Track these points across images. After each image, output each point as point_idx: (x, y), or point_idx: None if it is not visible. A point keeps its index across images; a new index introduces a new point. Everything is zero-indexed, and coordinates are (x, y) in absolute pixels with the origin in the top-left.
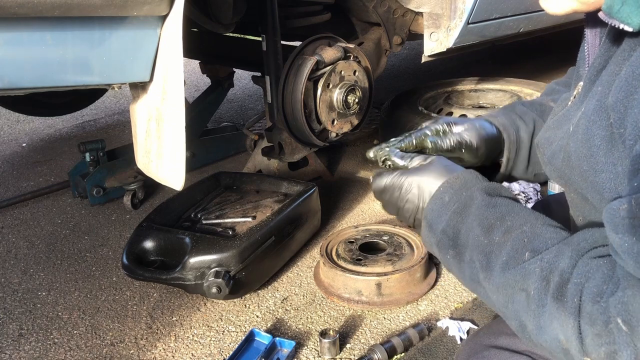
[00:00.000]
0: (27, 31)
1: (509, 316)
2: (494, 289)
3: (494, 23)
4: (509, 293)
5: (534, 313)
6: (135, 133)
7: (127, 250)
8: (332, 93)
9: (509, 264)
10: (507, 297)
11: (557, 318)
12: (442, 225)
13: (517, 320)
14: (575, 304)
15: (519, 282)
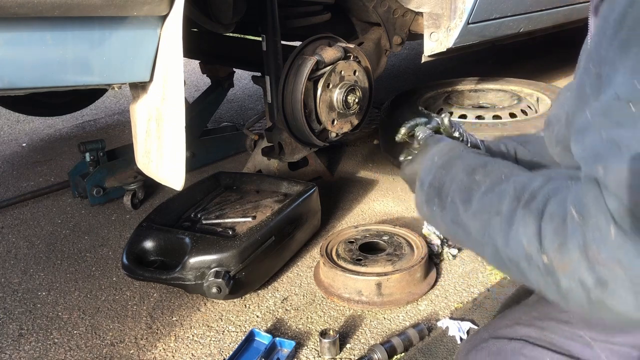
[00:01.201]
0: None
1: (485, 242)
2: (472, 217)
3: (494, 23)
4: (485, 218)
5: (504, 228)
6: (135, 133)
7: (127, 250)
8: (332, 93)
9: (486, 192)
10: (483, 223)
11: (523, 224)
12: (430, 178)
13: (491, 244)
14: (540, 209)
15: (494, 204)
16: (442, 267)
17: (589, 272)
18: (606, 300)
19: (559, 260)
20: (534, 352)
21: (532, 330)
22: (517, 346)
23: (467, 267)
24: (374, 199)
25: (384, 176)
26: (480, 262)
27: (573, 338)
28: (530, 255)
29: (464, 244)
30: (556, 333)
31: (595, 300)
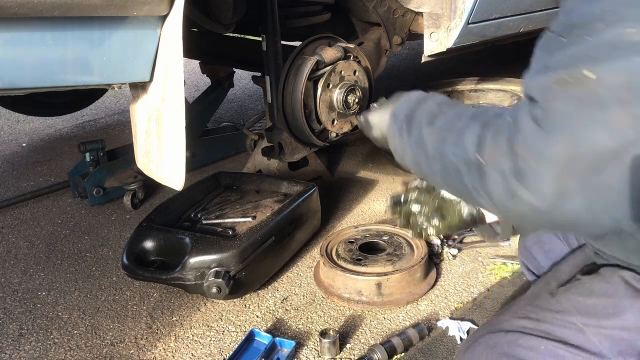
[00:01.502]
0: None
1: (437, 157)
2: (431, 134)
3: (494, 23)
4: (442, 135)
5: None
6: (135, 133)
7: (127, 250)
8: (332, 93)
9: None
10: (440, 139)
11: (469, 133)
12: (404, 111)
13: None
14: (486, 122)
15: (453, 123)
16: (442, 267)
17: (510, 162)
18: (517, 188)
19: (489, 154)
20: (529, 342)
21: (527, 321)
22: (513, 337)
23: (467, 267)
24: (374, 199)
25: (384, 176)
26: (480, 262)
27: (566, 326)
28: (469, 157)
29: (421, 167)
30: (550, 322)
31: (510, 188)
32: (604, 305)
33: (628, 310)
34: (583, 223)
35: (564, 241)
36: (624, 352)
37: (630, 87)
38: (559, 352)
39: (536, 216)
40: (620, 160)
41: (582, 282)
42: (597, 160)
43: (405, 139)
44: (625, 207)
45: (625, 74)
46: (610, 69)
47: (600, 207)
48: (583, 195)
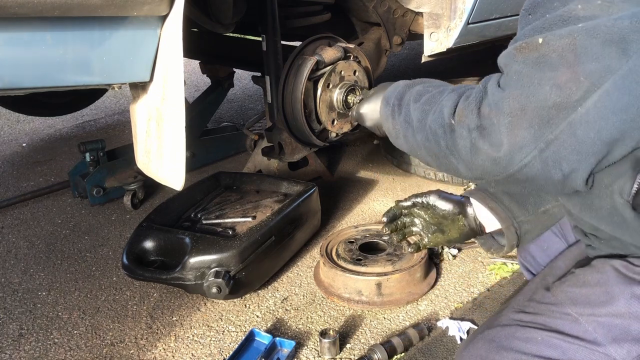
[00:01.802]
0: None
1: (420, 128)
2: (416, 109)
3: (494, 23)
4: (426, 109)
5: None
6: (135, 133)
7: (127, 250)
8: (332, 93)
9: (433, 93)
10: (424, 112)
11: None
12: (395, 94)
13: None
14: (462, 92)
15: (435, 98)
16: (442, 267)
17: (475, 120)
18: (478, 142)
19: (459, 115)
20: (526, 334)
21: (524, 315)
22: (511, 331)
23: (467, 267)
24: (374, 199)
25: (384, 176)
26: (480, 262)
27: (561, 317)
28: (444, 121)
29: (409, 142)
30: (546, 315)
31: (474, 143)
32: (597, 294)
33: (619, 297)
34: (537, 176)
35: (562, 238)
36: (618, 338)
37: (575, 50)
38: (555, 342)
39: (496, 169)
40: (566, 114)
41: (575, 274)
42: (544, 113)
43: (397, 118)
44: (573, 160)
45: (569, 38)
46: (557, 34)
47: (550, 160)
48: (534, 145)
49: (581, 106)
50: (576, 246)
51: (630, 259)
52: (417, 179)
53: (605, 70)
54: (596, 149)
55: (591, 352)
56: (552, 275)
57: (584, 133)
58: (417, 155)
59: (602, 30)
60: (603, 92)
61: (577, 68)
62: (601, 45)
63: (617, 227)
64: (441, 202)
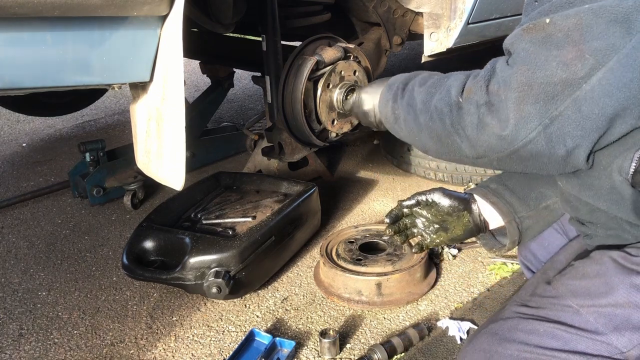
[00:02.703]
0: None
1: (424, 109)
2: (421, 91)
3: (494, 23)
4: (432, 91)
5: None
6: (135, 133)
7: (127, 250)
8: (332, 93)
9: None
10: (429, 94)
11: (454, 81)
12: (399, 81)
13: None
14: (469, 73)
15: (443, 81)
16: (442, 267)
17: (484, 97)
18: (486, 117)
19: (467, 91)
20: (528, 326)
21: (526, 308)
22: (513, 323)
23: (467, 267)
24: (374, 199)
25: (384, 176)
26: (480, 262)
27: (563, 309)
28: (452, 100)
29: (410, 125)
30: (547, 307)
31: (481, 119)
32: (596, 285)
33: (619, 287)
34: (541, 153)
35: (563, 234)
36: (619, 327)
37: (581, 28)
38: (558, 332)
39: (501, 144)
40: (571, 90)
41: (575, 267)
42: (550, 89)
43: (398, 102)
44: (577, 136)
45: (576, 18)
46: (563, 15)
47: (554, 135)
48: (539, 120)
49: (586, 83)
50: (577, 240)
51: (628, 249)
52: (417, 179)
53: (610, 48)
54: (599, 124)
55: (593, 341)
56: (552, 269)
57: (588, 109)
58: (416, 139)
59: (607, 10)
60: (607, 70)
61: (583, 46)
62: (606, 24)
63: (615, 204)
64: (445, 199)
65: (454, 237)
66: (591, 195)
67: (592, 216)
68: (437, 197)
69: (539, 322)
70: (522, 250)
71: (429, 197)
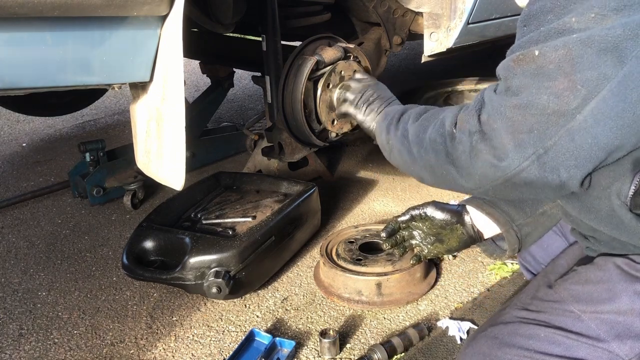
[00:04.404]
0: (27, 31)
1: (417, 141)
2: (415, 125)
3: (494, 23)
4: (425, 124)
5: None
6: (135, 133)
7: (127, 250)
8: (332, 93)
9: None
10: (423, 126)
11: (448, 114)
12: (394, 112)
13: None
14: (462, 106)
15: (436, 115)
16: (442, 267)
17: (476, 126)
18: (479, 145)
19: (460, 122)
20: (529, 331)
21: (527, 312)
22: (513, 328)
23: (467, 267)
24: (374, 199)
25: (384, 176)
26: (480, 262)
27: (564, 314)
28: (445, 132)
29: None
30: (548, 312)
31: (474, 147)
32: (599, 291)
33: (622, 294)
34: (534, 181)
35: (562, 237)
36: (621, 335)
37: (571, 59)
38: (558, 338)
39: (495, 173)
40: (564, 121)
41: (578, 272)
42: (543, 120)
43: (391, 133)
44: (570, 166)
45: (565, 49)
46: (552, 46)
47: (548, 165)
48: (532, 150)
49: (579, 113)
50: (578, 244)
51: (632, 257)
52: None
53: (602, 78)
54: (593, 154)
55: (594, 348)
56: (554, 273)
57: (582, 139)
58: (411, 169)
59: (596, 39)
60: (600, 99)
61: (574, 77)
62: (596, 54)
63: (615, 228)
64: (438, 213)
65: (450, 249)
66: (591, 218)
67: (594, 233)
68: (430, 211)
69: (540, 327)
70: (521, 252)
71: (422, 211)
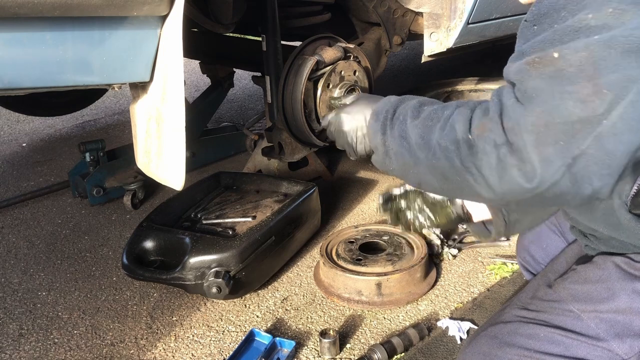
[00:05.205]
0: (27, 31)
1: (422, 145)
2: (416, 126)
3: (494, 23)
4: (428, 124)
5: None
6: (135, 133)
7: (127, 250)
8: (332, 93)
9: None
10: (425, 128)
11: (457, 116)
12: (386, 108)
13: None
14: (472, 107)
15: (438, 114)
16: (442, 267)
17: (500, 135)
18: (506, 157)
19: (479, 128)
20: (529, 330)
21: (526, 312)
22: (513, 327)
23: (467, 267)
24: (374, 199)
25: (384, 176)
26: (480, 262)
27: (564, 313)
28: (459, 137)
29: (405, 160)
30: (548, 311)
31: (501, 158)
32: (598, 290)
33: (621, 293)
34: (566, 193)
35: (561, 236)
36: (621, 334)
37: (594, 62)
38: (558, 338)
39: (525, 187)
40: (592, 128)
41: (577, 271)
42: (569, 128)
43: (389, 134)
44: (604, 174)
45: (587, 51)
46: (573, 48)
47: (579, 175)
48: (561, 161)
49: (607, 119)
50: (577, 243)
51: (632, 255)
52: None
53: (628, 80)
54: (625, 160)
55: (594, 347)
56: (553, 272)
57: (612, 146)
58: (410, 172)
59: (619, 40)
60: (628, 103)
61: (599, 80)
62: (620, 56)
63: (613, 228)
64: None
65: (439, 224)
66: (590, 219)
67: (594, 231)
68: None
69: (540, 326)
70: (520, 252)
71: None
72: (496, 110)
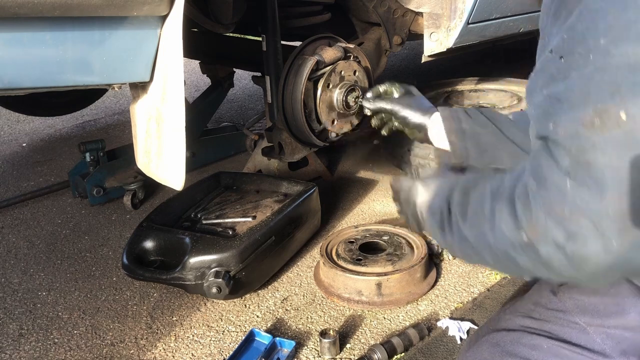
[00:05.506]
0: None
1: (482, 247)
2: (469, 228)
3: (494, 23)
4: (476, 225)
5: (490, 227)
6: (135, 133)
7: (127, 250)
8: (332, 93)
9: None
10: (477, 230)
11: (499, 214)
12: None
13: (487, 247)
14: (509, 196)
15: (480, 210)
16: (442, 267)
17: (558, 230)
18: (580, 251)
19: (532, 230)
20: (533, 341)
21: (530, 320)
22: (516, 336)
23: (467, 267)
24: (374, 199)
25: (384, 176)
26: None
27: (569, 325)
28: (512, 240)
29: (473, 259)
30: (553, 322)
31: (571, 255)
32: (607, 304)
33: (631, 309)
34: None
35: None
36: (627, 352)
37: None
38: (562, 351)
39: (608, 272)
40: None
41: None
42: None
43: (449, 238)
44: None
45: None
46: None
47: None
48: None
49: None
50: None
51: None
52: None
53: None
54: None
55: None
56: None
57: None
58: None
59: None
60: None
61: None
62: None
63: None
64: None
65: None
66: None
67: None
68: (406, 113)
69: (543, 337)
70: None
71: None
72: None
